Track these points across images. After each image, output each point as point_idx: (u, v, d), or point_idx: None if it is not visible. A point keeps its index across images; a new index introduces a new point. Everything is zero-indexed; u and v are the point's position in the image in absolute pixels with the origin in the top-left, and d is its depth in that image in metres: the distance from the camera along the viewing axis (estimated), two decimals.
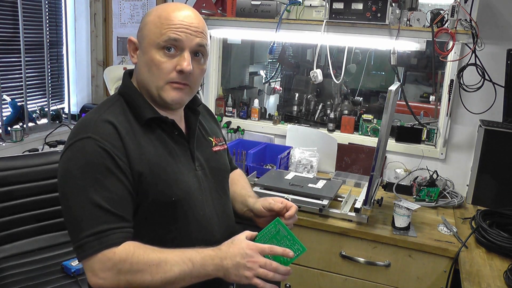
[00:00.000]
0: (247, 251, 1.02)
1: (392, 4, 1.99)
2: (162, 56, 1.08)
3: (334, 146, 2.41)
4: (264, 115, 2.74)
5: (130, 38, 1.14)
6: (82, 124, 1.07)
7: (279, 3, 2.18)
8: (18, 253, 1.91)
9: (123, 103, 1.12)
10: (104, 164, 1.00)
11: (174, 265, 0.99)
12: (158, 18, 1.09)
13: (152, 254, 0.99)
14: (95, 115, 1.08)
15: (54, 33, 2.78)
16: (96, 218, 0.98)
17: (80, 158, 1.01)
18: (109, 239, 0.98)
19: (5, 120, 2.44)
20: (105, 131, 1.03)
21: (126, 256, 0.98)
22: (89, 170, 1.00)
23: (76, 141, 1.03)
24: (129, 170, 1.03)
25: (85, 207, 0.98)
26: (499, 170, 1.99)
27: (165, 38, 1.07)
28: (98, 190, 0.99)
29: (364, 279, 1.78)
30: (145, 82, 1.12)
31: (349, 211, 1.81)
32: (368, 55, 3.00)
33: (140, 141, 1.07)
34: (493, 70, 2.02)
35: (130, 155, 1.04)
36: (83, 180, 0.99)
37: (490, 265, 1.52)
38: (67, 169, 1.02)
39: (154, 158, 1.08)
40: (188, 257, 1.01)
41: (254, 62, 3.54)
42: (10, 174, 1.89)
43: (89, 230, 0.97)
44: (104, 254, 0.97)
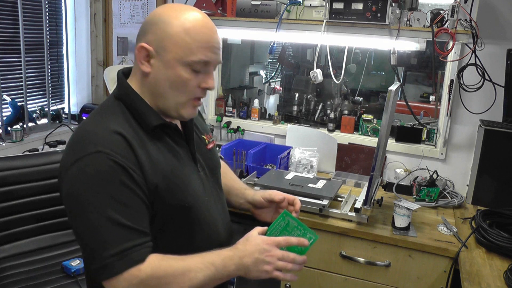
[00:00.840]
0: (264, 246, 1.03)
1: (392, 4, 1.99)
2: (189, 74, 1.03)
3: (334, 146, 2.41)
4: (264, 115, 2.74)
5: (143, 45, 1.02)
6: (86, 137, 0.98)
7: (279, 3, 2.18)
8: (18, 253, 1.91)
9: (124, 109, 1.05)
10: (119, 179, 0.95)
11: (198, 272, 0.98)
12: (186, 34, 1.00)
13: (175, 264, 0.98)
14: (99, 126, 1.00)
15: (54, 33, 2.78)
16: (118, 237, 0.94)
17: (92, 175, 0.94)
18: (134, 257, 0.94)
19: (5, 120, 2.44)
20: (115, 143, 0.97)
21: (152, 272, 0.95)
22: (103, 187, 0.94)
23: (84, 156, 0.95)
24: (144, 182, 0.99)
25: (105, 226, 0.93)
26: (499, 170, 1.99)
27: (196, 60, 1.01)
28: (116, 207, 0.94)
29: (364, 279, 1.78)
30: (164, 96, 1.05)
31: (349, 211, 1.81)
32: (368, 55, 3.00)
33: (149, 150, 1.02)
34: (493, 70, 2.02)
35: (143, 166, 0.99)
36: (98, 198, 0.94)
37: (490, 265, 1.52)
38: (78, 188, 0.95)
39: (165, 167, 1.04)
40: (210, 261, 1.00)
41: (254, 62, 3.54)
42: (10, 174, 1.89)
43: (112, 250, 0.93)
44: (130, 273, 0.94)
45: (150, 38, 1.02)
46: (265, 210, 1.34)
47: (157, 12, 1.05)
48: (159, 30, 1.01)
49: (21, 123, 2.49)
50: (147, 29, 1.04)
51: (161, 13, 1.04)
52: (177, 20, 1.01)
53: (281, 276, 1.04)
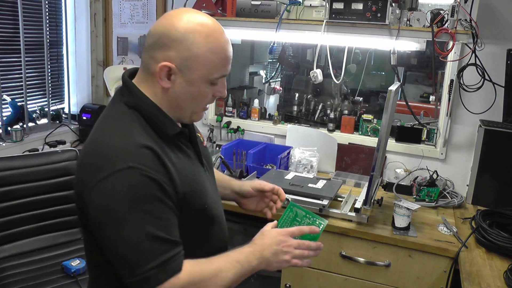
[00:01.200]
0: (280, 238, 1.10)
1: (392, 4, 1.99)
2: (209, 87, 1.06)
3: (334, 146, 2.41)
4: (264, 115, 2.74)
5: (167, 65, 0.99)
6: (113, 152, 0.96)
7: (279, 3, 2.18)
8: (18, 253, 1.91)
9: (141, 119, 1.03)
10: (152, 193, 0.96)
11: (228, 271, 1.03)
12: (211, 54, 1.01)
13: (207, 268, 1.02)
14: (124, 140, 0.98)
15: (54, 33, 2.78)
16: (157, 250, 0.95)
17: (125, 192, 0.93)
18: (173, 267, 0.97)
19: (5, 120, 2.44)
20: (146, 157, 0.97)
21: (189, 278, 0.99)
22: (138, 203, 0.94)
23: (115, 172, 0.94)
24: (175, 192, 1.00)
25: (143, 241, 0.94)
26: (499, 170, 1.99)
27: (219, 76, 1.05)
28: (152, 222, 0.95)
29: (364, 279, 1.78)
30: (181, 108, 1.07)
31: (349, 211, 1.81)
32: (368, 55, 3.00)
33: (172, 159, 1.03)
34: (493, 70, 2.02)
35: (173, 177, 1.00)
36: (134, 214, 0.94)
37: (490, 265, 1.52)
38: (112, 204, 0.94)
39: (188, 174, 1.06)
40: (235, 259, 1.06)
41: (254, 62, 3.54)
42: (10, 174, 1.89)
43: (152, 263, 0.95)
44: (170, 282, 0.97)
45: (173, 56, 1.00)
46: (251, 199, 1.42)
47: (175, 24, 1.01)
48: (183, 48, 1.00)
49: (21, 123, 2.49)
50: (166, 43, 1.00)
51: (180, 27, 1.00)
52: (202, 39, 1.00)
53: (299, 263, 1.11)
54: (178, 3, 2.55)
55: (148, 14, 2.76)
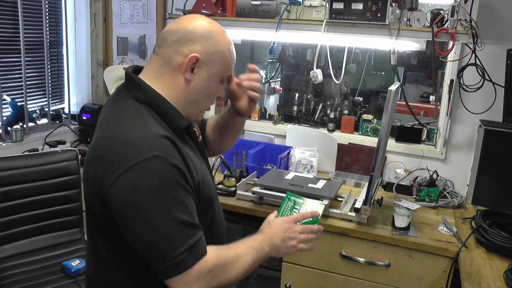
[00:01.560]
0: (286, 225, 1.18)
1: (392, 4, 1.99)
2: (219, 85, 1.14)
3: (334, 146, 2.41)
4: (264, 115, 2.74)
5: (196, 56, 1.05)
6: (134, 143, 0.99)
7: (279, 3, 2.18)
8: (18, 253, 1.91)
9: (154, 113, 1.06)
10: (177, 180, 1.00)
11: (246, 256, 1.10)
12: (229, 52, 1.12)
13: (230, 252, 1.09)
14: (142, 130, 1.01)
15: (54, 33, 2.78)
16: (184, 234, 1.00)
17: (153, 179, 0.97)
18: (200, 250, 1.02)
19: (5, 120, 2.44)
20: (167, 146, 1.01)
21: (217, 261, 1.04)
22: (165, 189, 0.98)
23: (141, 162, 0.96)
24: (192, 180, 1.05)
25: (170, 225, 0.98)
26: (499, 170, 1.99)
27: (228, 75, 1.15)
28: (178, 207, 0.99)
29: (364, 279, 1.78)
30: (196, 103, 1.12)
31: (349, 211, 1.81)
32: (368, 55, 3.00)
33: (186, 150, 1.08)
34: (493, 70, 2.02)
35: (189, 167, 1.05)
36: (162, 200, 0.98)
37: (490, 265, 1.52)
38: (139, 191, 0.97)
39: (197, 164, 1.11)
40: (251, 245, 1.13)
41: (254, 62, 3.54)
42: (10, 174, 1.89)
43: (181, 247, 0.99)
44: (199, 265, 1.01)
45: (199, 49, 1.06)
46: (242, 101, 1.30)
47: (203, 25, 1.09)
48: (210, 44, 1.08)
49: (21, 123, 2.49)
50: (193, 39, 1.06)
51: (206, 26, 1.09)
52: (223, 38, 1.12)
53: (305, 247, 1.19)
54: (178, 3, 2.55)
55: (148, 14, 2.76)
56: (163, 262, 0.98)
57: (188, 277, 1.00)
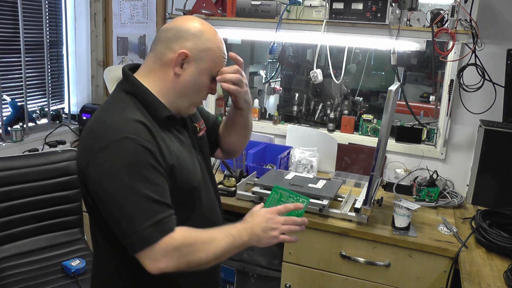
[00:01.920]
0: (269, 215, 1.18)
1: (392, 4, 1.98)
2: (209, 81, 1.20)
3: (334, 146, 2.41)
4: (264, 115, 2.74)
5: (185, 52, 1.14)
6: (109, 127, 1.08)
7: (279, 3, 2.18)
8: (18, 253, 1.91)
9: (137, 102, 1.15)
10: (146, 160, 1.06)
11: (221, 240, 1.10)
12: (218, 50, 1.19)
13: (202, 234, 1.10)
14: (119, 117, 1.10)
15: (54, 33, 2.78)
16: (151, 210, 1.05)
17: (123, 158, 1.04)
18: (166, 227, 1.05)
19: (5, 120, 2.44)
20: (138, 129, 1.08)
21: (184, 239, 1.06)
22: (134, 167, 1.05)
23: (112, 143, 1.05)
24: (164, 163, 1.11)
25: (139, 201, 1.04)
26: (499, 170, 1.99)
27: (217, 71, 1.20)
28: (146, 185, 1.05)
29: (364, 279, 1.78)
30: (185, 96, 1.19)
31: (349, 211, 1.81)
32: (368, 55, 3.00)
33: (163, 137, 1.14)
34: (493, 70, 2.02)
35: (162, 150, 1.11)
36: (131, 178, 1.04)
37: (490, 265, 1.52)
38: (110, 170, 1.04)
39: (176, 151, 1.16)
40: (228, 231, 1.13)
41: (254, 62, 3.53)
42: (10, 174, 1.89)
43: (147, 222, 1.03)
44: (165, 242, 1.04)
45: (189, 46, 1.15)
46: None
47: (195, 24, 1.17)
48: (200, 42, 1.16)
49: (21, 123, 2.49)
50: (185, 36, 1.15)
51: (199, 26, 1.17)
52: (215, 38, 1.19)
53: (287, 238, 1.19)
54: (178, 3, 2.55)
55: (148, 14, 2.76)
56: (131, 236, 1.03)
57: (154, 252, 1.03)
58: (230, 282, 2.09)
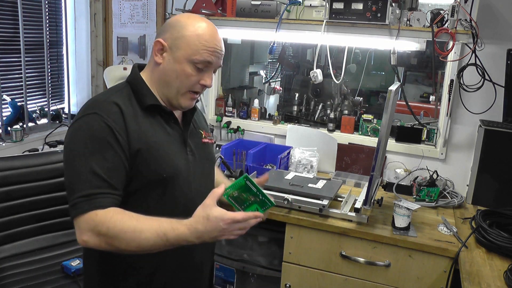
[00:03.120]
0: (224, 226, 1.08)
1: (392, 4, 1.99)
2: (193, 70, 1.21)
3: (334, 146, 2.41)
4: (264, 115, 2.74)
5: (160, 40, 1.21)
6: (90, 103, 1.19)
7: (279, 3, 2.18)
8: (18, 253, 1.91)
9: (130, 90, 1.24)
10: (106, 138, 1.12)
11: (149, 237, 1.07)
12: (197, 37, 1.20)
13: (128, 222, 1.07)
14: (103, 96, 1.21)
15: (54, 33, 2.78)
16: (90, 182, 1.09)
17: (85, 130, 1.13)
18: (97, 202, 1.08)
19: (5, 120, 2.44)
20: (111, 110, 1.15)
21: (104, 219, 1.07)
22: (92, 141, 1.11)
23: (83, 116, 1.15)
24: (128, 146, 1.14)
25: (82, 172, 1.09)
26: (499, 170, 1.99)
27: (200, 59, 1.20)
28: (96, 159, 1.10)
29: (364, 279, 1.78)
30: (169, 84, 1.23)
31: (349, 211, 1.81)
32: (368, 55, 3.00)
33: (140, 123, 1.19)
34: (493, 70, 2.02)
35: (130, 133, 1.15)
36: (85, 149, 1.11)
37: (490, 265, 1.52)
38: (72, 139, 1.14)
39: (151, 138, 1.19)
40: (163, 231, 1.07)
41: (254, 62, 3.54)
42: (10, 174, 1.89)
43: (82, 192, 1.08)
44: (89, 215, 1.07)
45: (167, 36, 1.22)
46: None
47: (178, 18, 1.25)
48: (175, 31, 1.21)
49: (21, 123, 2.49)
50: (166, 29, 1.24)
51: (180, 19, 1.24)
52: (192, 27, 1.21)
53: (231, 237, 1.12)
54: (178, 3, 2.55)
55: (148, 14, 2.76)
56: (69, 201, 1.10)
57: (80, 223, 1.07)
58: (230, 282, 2.09)
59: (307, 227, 1.80)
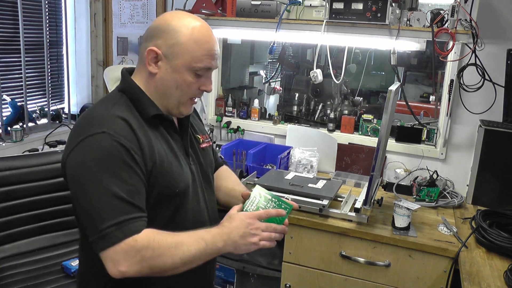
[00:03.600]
0: (248, 221, 1.11)
1: (392, 4, 1.99)
2: (193, 78, 1.15)
3: (334, 146, 2.41)
4: (264, 115, 2.74)
5: (153, 49, 1.12)
6: (92, 120, 1.08)
7: (279, 3, 2.18)
8: (18, 253, 1.91)
9: (127, 101, 1.15)
10: (121, 157, 1.04)
11: (190, 246, 1.05)
12: (195, 44, 1.12)
13: (169, 238, 1.05)
14: (104, 111, 1.10)
15: (54, 33, 2.78)
16: (117, 209, 1.01)
17: (96, 152, 1.03)
18: (130, 228, 1.01)
19: (5, 120, 2.44)
20: (119, 126, 1.07)
21: (148, 243, 1.02)
22: (106, 163, 1.03)
23: (89, 136, 1.04)
24: (143, 162, 1.08)
25: (105, 199, 1.01)
26: (499, 170, 1.99)
27: (201, 66, 1.14)
28: (117, 183, 1.02)
29: (364, 279, 1.78)
30: (167, 95, 1.16)
31: (349, 211, 1.81)
32: (368, 55, 3.00)
33: (149, 135, 1.12)
34: (493, 70, 2.02)
35: (143, 148, 1.08)
36: (102, 173, 1.02)
37: (490, 265, 1.52)
38: (83, 163, 1.04)
39: (161, 152, 1.14)
40: (200, 236, 1.07)
41: (254, 62, 3.54)
42: (10, 174, 1.89)
43: (111, 221, 1.00)
44: (127, 243, 1.00)
45: (160, 43, 1.12)
46: None
47: (167, 19, 1.15)
48: (169, 37, 1.12)
49: (21, 123, 2.49)
50: (156, 34, 1.14)
51: (171, 21, 1.14)
52: (187, 30, 1.12)
53: (267, 244, 1.13)
54: (178, 3, 2.55)
55: (148, 14, 2.76)
56: (94, 233, 1.01)
57: (116, 254, 0.99)
58: (230, 282, 2.09)
59: (307, 227, 1.80)
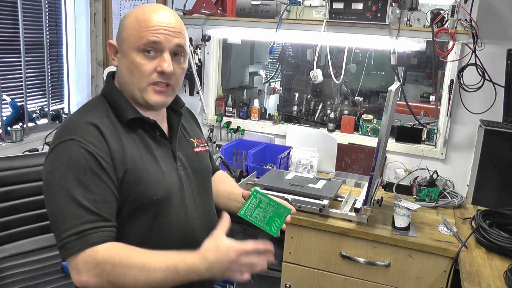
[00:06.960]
0: (234, 257, 1.00)
1: (392, 4, 1.98)
2: (143, 58, 1.10)
3: (334, 146, 2.41)
4: (264, 115, 2.74)
5: (110, 42, 1.15)
6: (65, 127, 1.08)
7: (279, 3, 2.18)
8: (18, 253, 1.91)
9: (106, 105, 1.14)
10: (88, 165, 1.02)
11: (157, 271, 0.98)
12: (136, 21, 1.10)
13: (135, 257, 0.99)
14: (78, 117, 1.10)
15: (54, 33, 2.78)
16: (78, 218, 0.99)
17: (64, 160, 1.02)
18: (91, 238, 0.99)
19: (5, 120, 2.44)
20: (88, 133, 1.05)
21: (108, 257, 0.98)
22: (72, 171, 1.01)
23: (60, 144, 1.04)
24: (113, 170, 1.05)
25: (68, 207, 0.99)
26: (499, 170, 1.99)
27: (144, 41, 1.08)
28: (81, 191, 1.00)
29: (364, 279, 1.78)
30: (128, 84, 1.14)
31: (349, 211, 1.81)
32: (368, 55, 3.00)
33: (123, 141, 1.09)
34: (493, 70, 2.02)
35: (113, 155, 1.06)
36: (67, 181, 1.01)
37: (490, 265, 1.52)
38: (51, 171, 1.03)
39: (136, 158, 1.10)
40: (174, 263, 0.99)
41: (254, 62, 3.54)
42: (10, 174, 1.89)
43: (71, 230, 0.98)
44: (87, 254, 0.98)
45: (116, 35, 1.16)
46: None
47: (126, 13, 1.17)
48: (120, 26, 1.14)
49: (21, 123, 2.49)
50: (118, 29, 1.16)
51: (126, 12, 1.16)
52: (132, 13, 1.12)
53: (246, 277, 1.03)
54: (178, 3, 2.54)
55: None
56: (58, 241, 1.00)
57: (76, 263, 0.98)
58: (230, 282, 2.09)
59: (307, 227, 1.80)
